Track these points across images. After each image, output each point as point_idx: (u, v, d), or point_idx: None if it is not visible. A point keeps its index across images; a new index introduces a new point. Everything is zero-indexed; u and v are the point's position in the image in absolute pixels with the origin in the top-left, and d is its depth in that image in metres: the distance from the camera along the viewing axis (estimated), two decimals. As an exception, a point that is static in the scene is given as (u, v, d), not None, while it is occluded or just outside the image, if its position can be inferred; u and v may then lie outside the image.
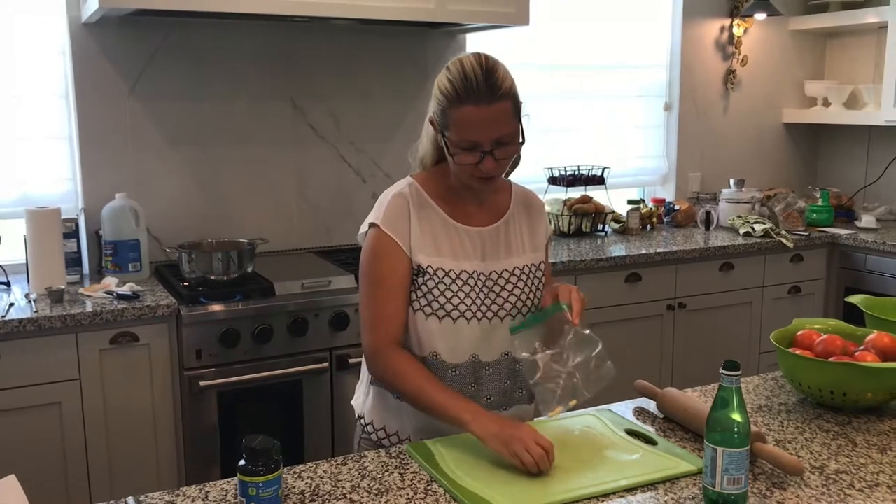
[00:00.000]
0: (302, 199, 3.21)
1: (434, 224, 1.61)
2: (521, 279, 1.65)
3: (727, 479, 1.23)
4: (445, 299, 1.58)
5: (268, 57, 3.07)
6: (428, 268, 1.59)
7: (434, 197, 1.63)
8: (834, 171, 4.36)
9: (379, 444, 1.68)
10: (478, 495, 1.29)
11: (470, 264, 1.61)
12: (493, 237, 1.65)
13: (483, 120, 1.50)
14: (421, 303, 1.59)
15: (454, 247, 1.61)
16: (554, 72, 3.72)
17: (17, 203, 2.80)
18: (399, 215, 1.60)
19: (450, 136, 1.53)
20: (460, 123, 1.51)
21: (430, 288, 1.58)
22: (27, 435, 2.34)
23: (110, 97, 2.86)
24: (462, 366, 1.61)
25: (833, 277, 3.74)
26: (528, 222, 1.71)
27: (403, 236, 1.59)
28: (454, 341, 1.60)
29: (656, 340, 3.35)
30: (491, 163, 1.53)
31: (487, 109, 1.49)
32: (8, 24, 2.75)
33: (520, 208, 1.72)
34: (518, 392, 1.68)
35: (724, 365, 1.25)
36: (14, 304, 2.42)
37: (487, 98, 1.49)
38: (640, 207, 3.70)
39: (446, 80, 1.53)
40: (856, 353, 1.67)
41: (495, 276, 1.63)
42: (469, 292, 1.59)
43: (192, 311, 2.45)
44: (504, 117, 1.52)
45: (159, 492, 1.32)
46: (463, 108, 1.50)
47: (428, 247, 1.60)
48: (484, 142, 1.51)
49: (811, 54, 4.31)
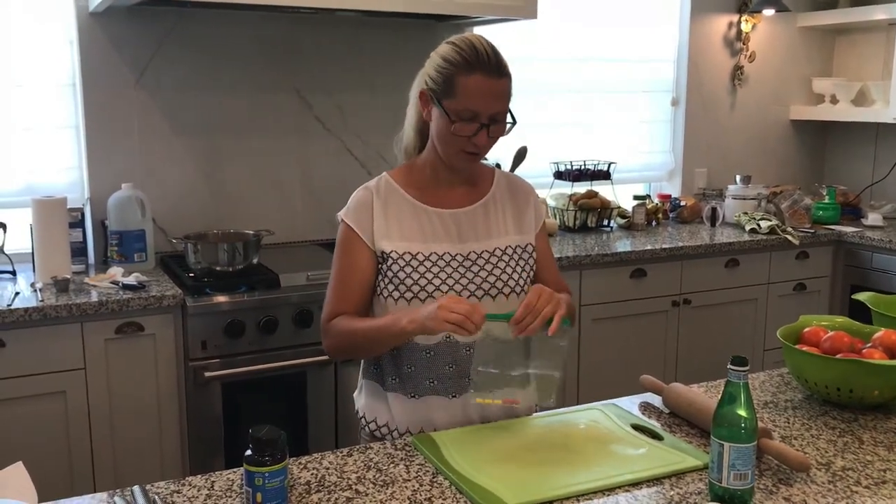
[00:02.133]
0: (307, 191, 3.21)
1: (401, 210, 1.64)
2: (503, 259, 1.65)
3: (734, 474, 1.23)
4: (412, 281, 1.59)
5: (274, 48, 3.06)
6: (392, 252, 1.61)
7: (405, 186, 1.67)
8: (841, 168, 4.35)
9: (373, 435, 1.69)
10: (483, 487, 1.29)
11: (441, 246, 1.63)
12: (470, 218, 1.67)
13: (489, 90, 1.54)
14: (389, 289, 1.61)
15: (424, 230, 1.64)
16: (561, 66, 3.71)
17: (23, 192, 2.81)
18: (362, 207, 1.64)
19: (451, 104, 1.55)
20: (467, 90, 1.54)
21: (395, 272, 1.61)
22: (32, 424, 2.35)
23: (117, 87, 2.85)
24: (436, 347, 1.61)
25: (839, 275, 3.73)
26: (513, 205, 1.72)
27: (366, 228, 1.63)
28: None
29: (661, 336, 3.35)
30: (484, 137, 1.56)
31: (495, 82, 1.54)
32: (15, 13, 2.75)
33: (503, 192, 1.73)
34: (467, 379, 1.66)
35: (732, 360, 1.25)
36: (20, 293, 2.43)
37: (497, 72, 1.55)
38: (646, 203, 3.70)
39: (453, 49, 1.56)
40: (863, 350, 1.66)
41: (474, 256, 1.64)
42: (439, 273, 1.60)
43: (197, 302, 2.46)
44: (505, 95, 1.57)
45: (165, 481, 1.32)
46: (473, 75, 1.53)
47: (393, 233, 1.63)
48: (483, 113, 1.55)
49: (819, 51, 4.29)
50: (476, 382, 1.52)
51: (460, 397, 1.62)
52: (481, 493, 1.27)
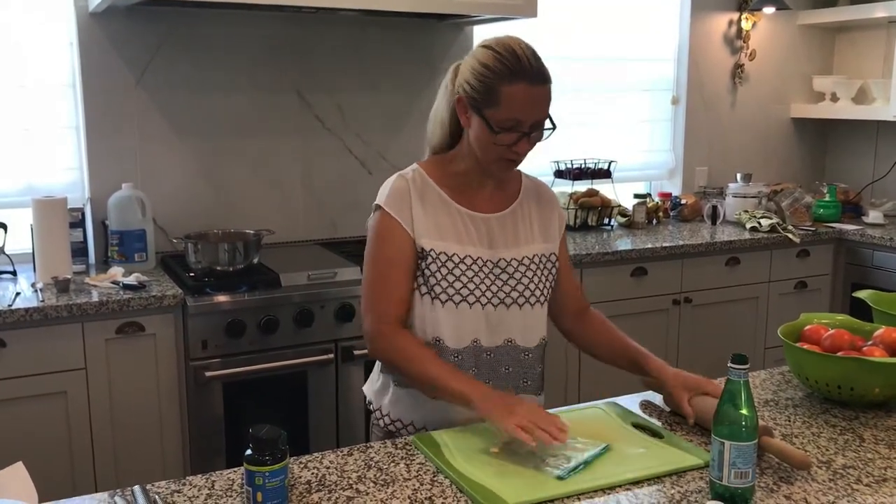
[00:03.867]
0: (308, 190, 3.21)
1: (437, 208, 1.61)
2: (530, 269, 1.65)
3: (734, 472, 1.23)
4: (448, 283, 1.58)
5: (275, 48, 3.06)
6: (431, 251, 1.58)
7: (438, 182, 1.63)
8: (841, 166, 4.34)
9: (387, 430, 1.68)
10: (484, 486, 1.28)
11: (475, 250, 1.61)
12: (501, 225, 1.65)
13: (533, 99, 1.52)
14: (423, 289, 1.59)
15: (458, 231, 1.61)
16: (561, 65, 3.70)
17: (23, 192, 2.81)
18: (402, 197, 1.60)
19: (494, 113, 1.51)
20: (511, 99, 1.50)
21: (432, 272, 1.58)
22: (33, 424, 2.35)
23: (117, 87, 2.85)
24: (464, 350, 1.61)
25: (839, 273, 3.73)
26: (538, 212, 1.71)
27: (406, 218, 1.59)
28: (457, 326, 1.59)
29: (662, 335, 3.35)
30: (526, 145, 1.55)
31: (539, 89, 1.52)
32: (15, 14, 2.75)
33: (530, 198, 1.71)
34: (523, 381, 1.67)
35: (733, 358, 1.24)
36: (20, 293, 2.43)
37: (540, 79, 1.52)
38: (647, 201, 3.69)
39: (493, 57, 1.52)
40: (863, 348, 1.66)
41: (503, 264, 1.62)
42: (473, 277, 1.59)
43: (197, 302, 2.46)
44: (547, 102, 1.55)
45: (166, 481, 1.32)
46: (516, 84, 1.50)
47: (431, 230, 1.59)
48: (526, 122, 1.52)
49: (820, 49, 4.29)
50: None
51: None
52: (482, 492, 1.27)
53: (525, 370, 1.67)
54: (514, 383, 1.66)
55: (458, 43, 3.35)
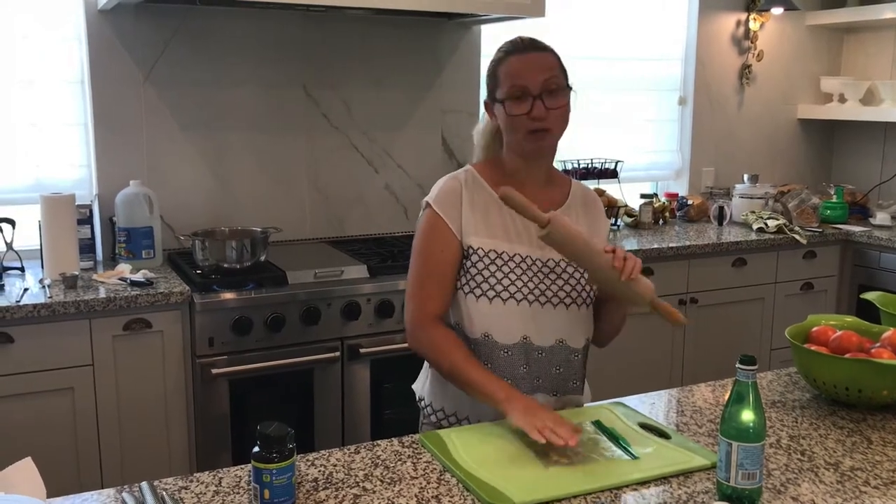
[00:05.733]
0: (314, 188, 3.21)
1: (488, 207, 1.65)
2: (578, 270, 1.66)
3: (742, 473, 1.23)
4: (496, 280, 1.61)
5: (282, 45, 3.07)
6: (479, 249, 1.62)
7: (490, 182, 1.67)
8: (848, 167, 4.33)
9: (439, 425, 1.70)
10: (490, 485, 1.29)
11: (524, 248, 1.64)
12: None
13: (527, 64, 1.60)
14: (471, 285, 1.62)
15: (508, 230, 1.64)
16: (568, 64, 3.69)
17: (31, 189, 2.81)
18: (451, 197, 1.64)
19: (501, 91, 1.61)
20: (507, 73, 1.60)
21: (479, 269, 1.61)
22: (40, 419, 2.36)
23: (125, 84, 2.86)
24: (514, 347, 1.62)
25: (846, 274, 3.72)
26: (586, 218, 1.73)
27: (454, 218, 1.63)
28: (505, 322, 1.62)
29: (668, 335, 3.34)
30: (541, 108, 1.58)
31: (532, 55, 1.61)
32: (24, 10, 2.75)
33: (577, 203, 1.73)
34: (572, 382, 1.69)
35: (741, 359, 1.24)
36: (28, 289, 2.43)
37: (532, 48, 1.63)
38: (653, 202, 3.69)
39: (496, 53, 1.66)
40: (871, 349, 1.66)
41: (552, 264, 1.65)
42: (521, 275, 1.62)
43: (204, 299, 2.46)
44: (548, 64, 1.62)
45: (173, 477, 1.33)
46: (509, 59, 1.62)
47: (480, 229, 1.63)
48: (532, 86, 1.58)
49: (827, 49, 4.28)
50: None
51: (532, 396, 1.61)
52: (488, 491, 1.27)
53: (574, 371, 1.69)
54: (564, 385, 1.68)
55: (466, 42, 3.35)
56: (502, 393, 1.49)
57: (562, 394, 1.68)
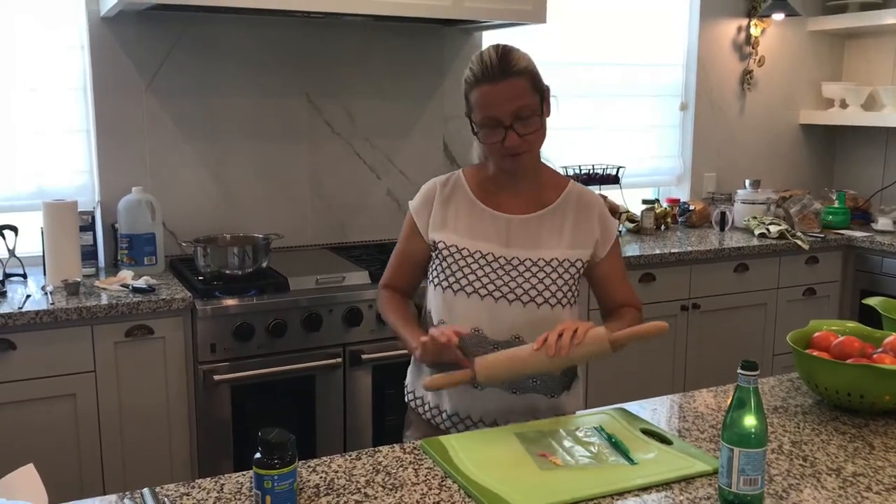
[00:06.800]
0: (316, 194, 3.21)
1: (460, 206, 1.74)
2: (544, 270, 1.69)
3: (743, 479, 1.23)
4: (451, 272, 1.70)
5: (284, 53, 3.08)
6: (440, 243, 1.73)
7: (474, 184, 1.76)
8: (850, 173, 4.33)
9: (417, 411, 1.80)
10: (492, 492, 1.28)
11: (488, 246, 1.70)
12: (524, 226, 1.72)
13: (497, 95, 1.60)
14: (440, 277, 1.72)
15: (474, 228, 1.72)
16: (569, 70, 3.71)
17: (34, 196, 2.82)
18: (425, 199, 1.78)
19: (475, 117, 1.66)
20: (479, 103, 1.63)
21: (441, 263, 1.72)
22: (42, 426, 2.36)
23: (127, 91, 2.87)
24: (466, 337, 1.66)
25: (848, 280, 3.72)
26: (574, 219, 1.74)
27: (423, 218, 1.76)
28: (459, 313, 1.69)
29: (669, 341, 3.34)
30: (514, 138, 1.62)
31: (501, 85, 1.60)
32: (28, 18, 2.76)
33: (570, 205, 1.75)
34: (531, 381, 1.71)
35: (742, 365, 1.24)
36: (30, 296, 2.44)
37: (500, 75, 1.60)
38: (655, 207, 3.69)
39: (468, 70, 1.66)
40: (873, 355, 1.65)
41: (516, 262, 1.69)
42: (478, 270, 1.69)
43: (206, 305, 2.46)
44: (519, 92, 1.61)
45: (175, 484, 1.33)
46: (479, 88, 1.62)
47: (448, 226, 1.73)
48: (503, 117, 1.61)
49: (829, 55, 4.28)
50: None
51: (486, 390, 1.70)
52: (490, 497, 1.27)
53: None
54: (522, 382, 1.70)
55: (467, 48, 3.36)
56: (414, 342, 1.63)
57: (520, 391, 1.70)
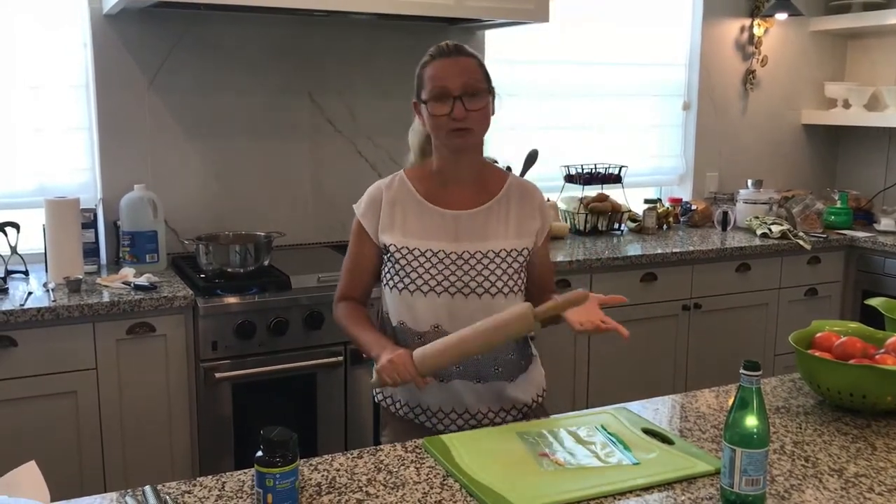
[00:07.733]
0: (318, 192, 3.21)
1: (407, 207, 1.78)
2: (494, 262, 1.74)
3: (745, 479, 1.23)
4: (405, 273, 1.73)
5: (286, 51, 3.07)
6: (391, 245, 1.76)
7: (417, 184, 1.80)
8: (853, 173, 4.33)
9: (389, 410, 1.83)
10: (494, 490, 1.28)
11: (438, 244, 1.74)
12: (471, 220, 1.76)
13: (449, 67, 1.71)
14: (395, 280, 1.75)
15: (425, 227, 1.76)
16: (572, 69, 3.71)
17: (36, 193, 2.82)
18: (371, 203, 1.80)
19: (424, 93, 1.73)
20: (431, 76, 1.72)
21: (393, 265, 1.75)
22: (43, 423, 2.36)
23: (130, 89, 2.87)
24: (426, 334, 1.73)
25: (850, 280, 3.72)
26: (517, 211, 1.80)
27: (371, 223, 1.79)
28: (417, 312, 1.73)
29: (671, 340, 3.34)
30: (461, 109, 1.68)
31: (454, 60, 1.72)
32: (30, 16, 2.76)
33: (512, 197, 1.81)
34: (494, 369, 1.75)
35: (745, 365, 1.24)
36: (32, 293, 2.44)
37: (455, 52, 1.73)
38: (657, 207, 3.69)
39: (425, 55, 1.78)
40: (876, 355, 1.65)
41: (467, 256, 1.73)
42: (430, 268, 1.73)
43: (208, 303, 2.46)
44: (470, 69, 1.72)
45: (176, 482, 1.33)
46: (432, 63, 1.73)
47: (396, 228, 1.76)
48: (453, 87, 1.68)
49: (832, 55, 4.28)
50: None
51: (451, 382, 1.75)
52: (492, 496, 1.27)
53: (494, 357, 1.74)
54: (486, 371, 1.74)
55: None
56: (377, 349, 1.66)
57: (485, 380, 1.75)
